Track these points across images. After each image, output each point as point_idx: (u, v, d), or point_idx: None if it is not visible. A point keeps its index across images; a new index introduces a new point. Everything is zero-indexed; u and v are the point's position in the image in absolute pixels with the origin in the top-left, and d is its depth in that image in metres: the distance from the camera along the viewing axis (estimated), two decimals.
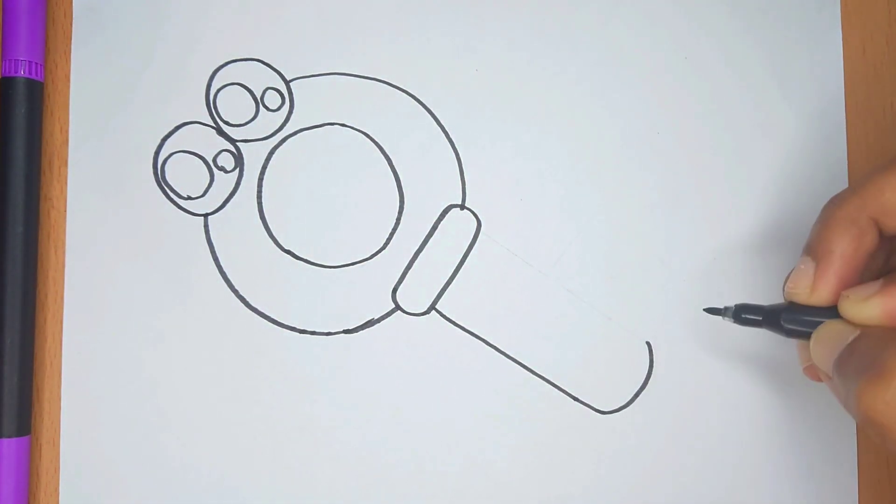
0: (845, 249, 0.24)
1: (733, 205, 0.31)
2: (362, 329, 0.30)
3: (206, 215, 0.30)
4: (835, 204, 0.24)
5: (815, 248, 0.24)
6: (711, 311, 0.27)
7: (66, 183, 0.30)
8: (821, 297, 0.24)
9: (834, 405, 0.30)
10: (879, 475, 0.30)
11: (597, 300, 0.31)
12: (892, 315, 0.22)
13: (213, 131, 0.31)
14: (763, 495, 0.30)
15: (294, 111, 0.31)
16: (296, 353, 0.30)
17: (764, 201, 0.31)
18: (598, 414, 0.30)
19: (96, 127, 0.31)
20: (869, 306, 0.22)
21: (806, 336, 0.24)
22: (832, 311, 0.24)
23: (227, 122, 0.31)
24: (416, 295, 0.30)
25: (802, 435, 0.30)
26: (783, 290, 0.25)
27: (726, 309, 0.27)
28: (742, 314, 0.26)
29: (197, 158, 0.30)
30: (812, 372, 0.26)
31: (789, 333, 0.25)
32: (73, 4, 0.31)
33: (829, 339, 0.23)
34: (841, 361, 0.23)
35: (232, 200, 0.30)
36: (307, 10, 0.31)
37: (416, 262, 0.31)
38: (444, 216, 0.31)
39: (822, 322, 0.24)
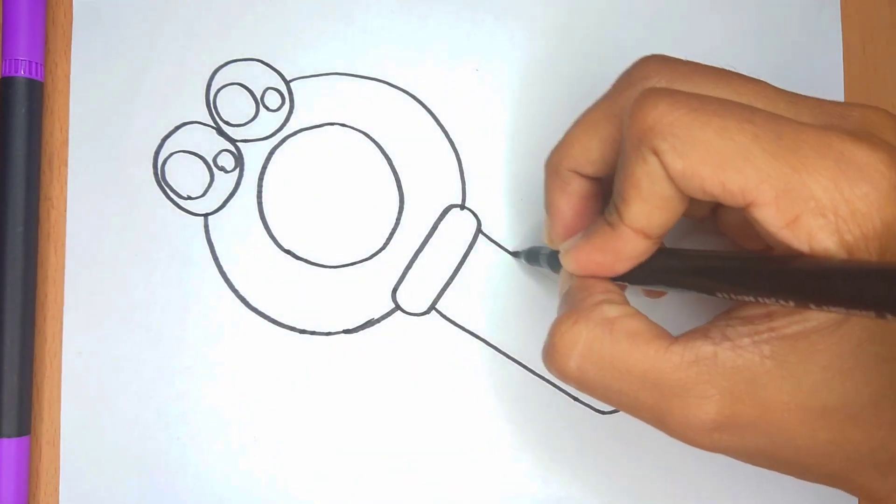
0: (559, 200, 0.25)
1: None
2: (362, 329, 0.30)
3: (206, 215, 0.30)
4: (547, 158, 0.26)
5: (545, 203, 0.26)
6: (513, 254, 0.30)
7: (66, 183, 0.30)
8: (557, 244, 0.26)
9: None
10: None
11: None
12: (584, 267, 0.23)
13: (213, 131, 0.31)
14: (763, 495, 0.30)
15: (294, 111, 0.31)
16: (296, 353, 0.30)
17: None
18: (598, 414, 0.30)
19: (96, 127, 0.31)
20: (567, 258, 0.24)
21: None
22: None
23: (227, 122, 0.31)
24: (416, 295, 0.30)
25: None
26: None
27: (520, 252, 0.30)
28: (529, 256, 0.29)
29: (197, 158, 0.30)
30: None
31: (555, 270, 0.27)
32: (73, 4, 0.31)
33: (561, 284, 0.25)
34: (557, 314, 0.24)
35: (232, 200, 0.30)
36: (307, 10, 0.31)
37: (416, 262, 0.31)
38: (444, 216, 0.31)
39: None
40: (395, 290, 0.30)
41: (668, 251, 0.23)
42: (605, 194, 0.26)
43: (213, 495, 0.30)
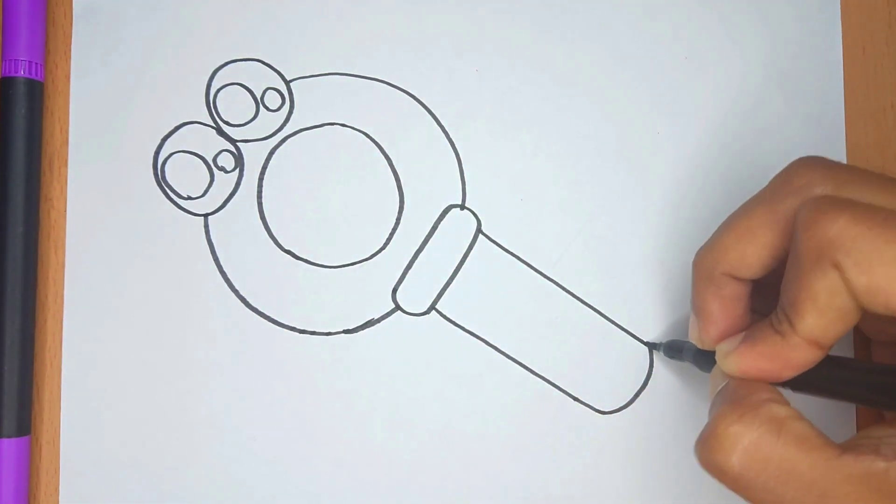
0: (712, 303, 0.25)
1: (733, 204, 0.31)
2: (362, 329, 0.30)
3: (206, 215, 0.30)
4: (695, 261, 0.26)
5: (693, 303, 0.26)
6: (650, 344, 0.30)
7: (66, 183, 0.30)
8: (708, 346, 0.26)
9: (833, 404, 0.30)
10: None
11: (597, 300, 0.31)
12: (746, 372, 0.23)
13: (213, 131, 0.31)
14: None
15: (294, 111, 0.31)
16: (296, 353, 0.30)
17: None
18: (598, 414, 0.30)
19: (96, 127, 0.31)
20: (729, 362, 0.24)
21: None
22: None
23: (227, 122, 0.31)
24: (416, 295, 0.30)
25: None
26: None
27: (659, 345, 0.30)
28: (670, 350, 0.29)
29: (197, 158, 0.30)
30: None
31: (704, 370, 0.27)
32: (73, 4, 0.31)
33: (713, 383, 0.25)
34: (711, 407, 0.24)
35: (232, 200, 0.30)
36: (307, 10, 0.31)
37: (416, 262, 0.31)
38: (444, 216, 0.31)
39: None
40: (395, 290, 0.30)
41: (832, 359, 0.23)
42: (757, 292, 0.26)
43: (213, 495, 0.30)
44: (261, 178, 0.31)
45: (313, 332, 0.30)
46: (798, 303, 0.21)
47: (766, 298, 0.26)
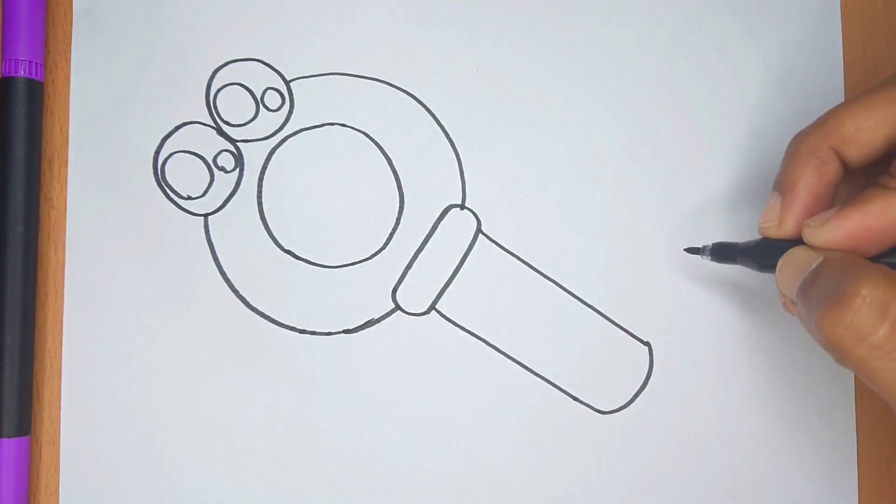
0: (809, 180, 0.24)
1: (733, 205, 0.31)
2: (362, 329, 0.30)
3: (206, 215, 0.30)
4: (798, 138, 0.25)
5: (781, 183, 0.25)
6: (691, 250, 0.29)
7: (66, 183, 0.30)
8: (788, 229, 0.25)
9: (834, 404, 0.30)
10: (879, 475, 0.30)
11: (597, 300, 0.31)
12: (851, 235, 0.23)
13: (213, 131, 0.31)
14: (763, 495, 0.30)
15: (294, 111, 0.31)
16: (296, 353, 0.30)
17: (764, 201, 0.31)
18: (598, 414, 0.30)
19: (96, 127, 0.31)
20: (828, 229, 0.23)
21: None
22: (800, 244, 0.25)
23: (227, 122, 0.31)
24: (416, 295, 0.30)
25: (802, 435, 0.30)
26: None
27: (704, 248, 0.28)
28: (719, 251, 0.27)
29: (197, 158, 0.30)
30: (788, 306, 0.26)
31: (762, 267, 0.26)
32: (73, 4, 0.31)
33: (793, 266, 0.24)
34: (804, 288, 0.23)
35: (232, 200, 0.30)
36: (307, 10, 0.31)
37: (416, 262, 0.31)
38: (443, 216, 0.31)
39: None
40: (395, 290, 0.30)
41: None
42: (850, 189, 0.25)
43: (213, 495, 0.30)
44: (261, 178, 0.31)
45: (313, 332, 0.30)
46: None
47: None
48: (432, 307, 0.30)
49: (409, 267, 0.31)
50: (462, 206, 0.31)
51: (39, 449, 0.30)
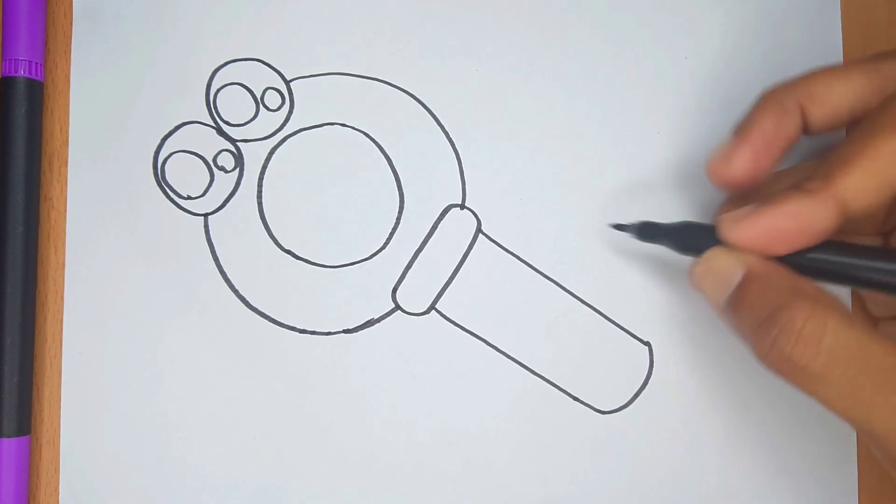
0: (765, 126, 0.24)
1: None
2: (362, 329, 0.30)
3: (206, 215, 0.30)
4: (768, 88, 0.25)
5: (739, 124, 0.25)
6: (618, 226, 0.28)
7: (66, 183, 0.30)
8: (735, 168, 0.25)
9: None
10: (879, 475, 0.30)
11: (597, 300, 0.31)
12: (764, 235, 0.22)
13: (213, 131, 0.31)
14: (763, 495, 0.30)
15: (294, 111, 0.31)
16: (296, 353, 0.30)
17: None
18: (598, 414, 0.30)
19: (96, 127, 0.31)
20: (742, 227, 0.23)
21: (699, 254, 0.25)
22: (715, 242, 0.24)
23: (227, 122, 0.31)
24: (416, 295, 0.30)
25: (802, 435, 0.30)
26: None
27: (631, 225, 0.28)
28: (644, 230, 0.27)
29: (197, 158, 0.30)
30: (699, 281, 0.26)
31: (683, 249, 0.26)
32: (73, 4, 0.31)
33: (716, 274, 0.24)
34: (733, 305, 0.23)
35: (232, 200, 0.31)
36: (307, 10, 0.31)
37: (416, 261, 0.31)
38: (443, 216, 0.31)
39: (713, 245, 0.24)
40: (395, 290, 0.30)
41: (838, 243, 0.22)
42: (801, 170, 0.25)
43: (213, 495, 0.30)
44: (261, 178, 0.31)
45: (313, 332, 0.30)
46: (851, 159, 0.21)
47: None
48: (432, 307, 0.30)
49: (408, 267, 0.31)
50: (462, 206, 0.31)
51: (39, 449, 0.30)
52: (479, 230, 0.31)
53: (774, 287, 0.22)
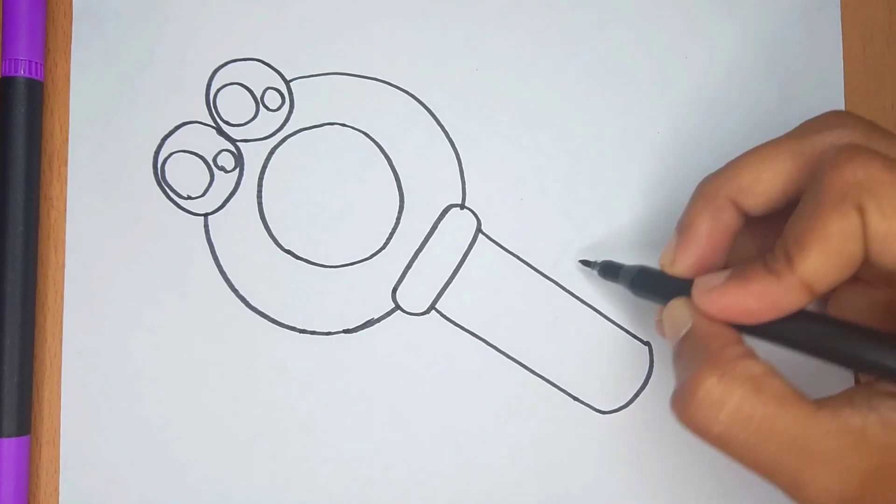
0: (702, 225, 0.25)
1: None
2: (362, 329, 0.30)
3: (206, 215, 0.30)
4: (701, 182, 0.26)
5: (680, 223, 0.26)
6: (584, 262, 0.30)
7: (66, 183, 0.30)
8: (679, 268, 0.25)
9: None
10: None
11: (597, 300, 0.31)
12: (729, 310, 0.23)
13: (213, 131, 0.31)
14: (763, 495, 0.30)
15: (294, 111, 0.31)
16: (296, 353, 0.30)
17: None
18: (598, 414, 0.30)
19: (96, 127, 0.31)
20: (710, 299, 0.23)
21: (654, 300, 0.26)
22: (675, 286, 0.25)
23: (227, 122, 0.31)
24: (416, 295, 0.30)
25: None
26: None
27: (595, 263, 0.29)
28: (606, 268, 0.29)
29: (197, 158, 0.30)
30: (660, 328, 0.27)
31: (637, 293, 0.27)
32: (73, 4, 0.31)
33: (671, 320, 0.25)
34: (674, 355, 0.24)
35: (232, 200, 0.31)
36: (307, 10, 0.31)
37: (416, 261, 0.31)
38: (443, 216, 0.31)
39: (669, 291, 0.25)
40: (395, 290, 0.30)
41: (807, 313, 0.22)
42: (751, 238, 0.26)
43: (213, 495, 0.30)
44: (261, 178, 0.31)
45: (313, 332, 0.30)
46: (806, 242, 0.21)
47: (745, 247, 0.26)
48: (432, 307, 0.30)
49: (408, 267, 0.31)
50: (462, 206, 0.31)
51: (39, 449, 0.30)
52: (478, 230, 0.31)
53: (701, 349, 0.22)
